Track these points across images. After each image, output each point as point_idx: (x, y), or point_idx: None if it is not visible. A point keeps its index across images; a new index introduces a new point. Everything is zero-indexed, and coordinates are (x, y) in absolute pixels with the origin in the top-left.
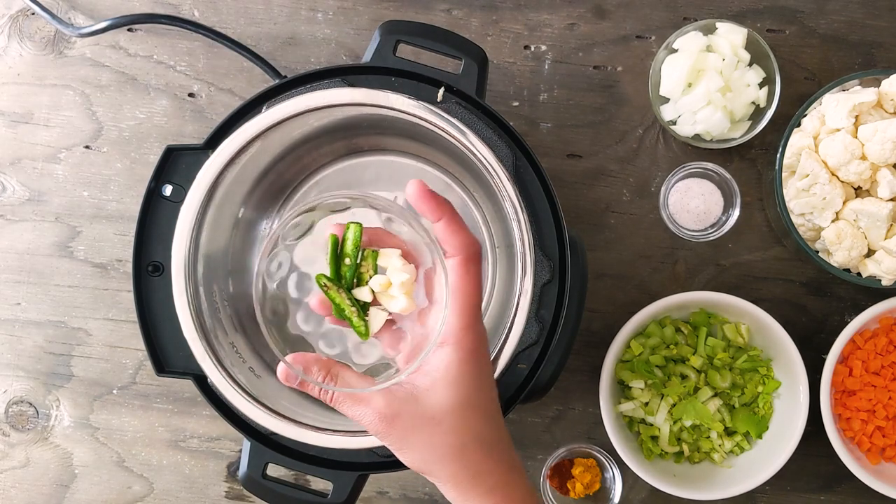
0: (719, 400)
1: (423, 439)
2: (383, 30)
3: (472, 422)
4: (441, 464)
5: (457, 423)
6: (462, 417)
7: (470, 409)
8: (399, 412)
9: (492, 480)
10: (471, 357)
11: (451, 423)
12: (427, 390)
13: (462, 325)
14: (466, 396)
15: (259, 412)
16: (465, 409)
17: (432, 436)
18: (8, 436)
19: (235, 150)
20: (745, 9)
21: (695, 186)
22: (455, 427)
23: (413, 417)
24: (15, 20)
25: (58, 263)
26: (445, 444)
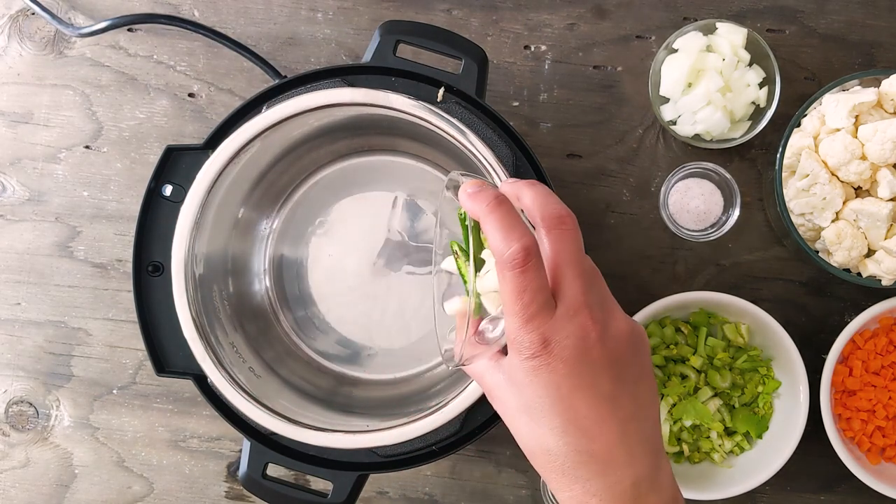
0: (719, 400)
1: (514, 425)
2: (383, 30)
3: (537, 429)
4: (527, 454)
5: (526, 425)
6: (529, 420)
7: (535, 415)
8: (499, 394)
9: (561, 498)
10: (522, 366)
11: (523, 422)
12: (508, 383)
13: (511, 328)
14: (525, 404)
15: (259, 412)
16: (529, 414)
17: (517, 425)
18: (8, 436)
19: (235, 150)
20: (745, 9)
21: (695, 186)
22: (526, 426)
23: (505, 403)
24: (15, 20)
25: (58, 263)
26: (525, 438)
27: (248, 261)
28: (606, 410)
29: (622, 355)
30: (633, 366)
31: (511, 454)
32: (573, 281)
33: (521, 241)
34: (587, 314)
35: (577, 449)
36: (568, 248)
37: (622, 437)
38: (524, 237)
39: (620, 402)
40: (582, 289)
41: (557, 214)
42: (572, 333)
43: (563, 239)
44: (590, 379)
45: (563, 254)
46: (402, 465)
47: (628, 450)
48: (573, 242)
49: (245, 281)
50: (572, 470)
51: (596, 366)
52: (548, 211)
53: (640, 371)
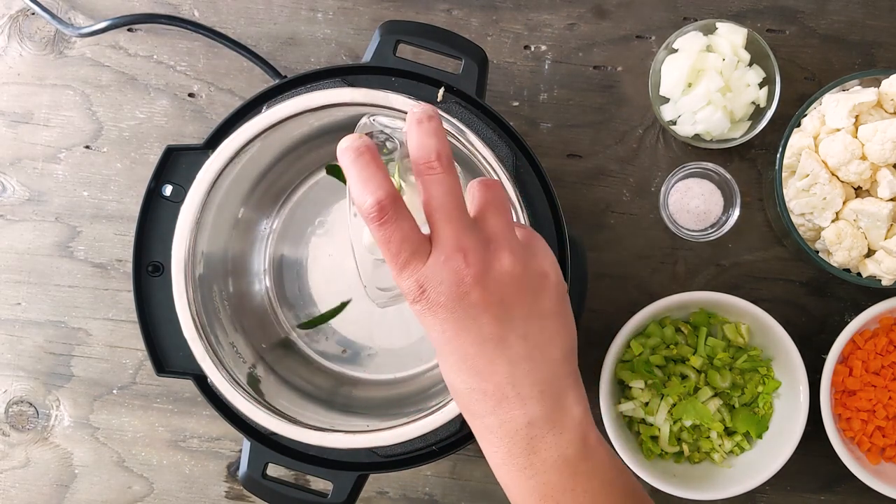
0: (719, 400)
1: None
2: (383, 30)
3: (442, 367)
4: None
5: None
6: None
7: (437, 352)
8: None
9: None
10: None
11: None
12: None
13: (392, 275)
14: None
15: (259, 412)
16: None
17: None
18: (8, 436)
19: (235, 150)
20: (745, 9)
21: (695, 186)
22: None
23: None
24: (15, 20)
25: (58, 263)
26: (446, 364)
27: (248, 261)
28: (493, 351)
29: (507, 296)
30: (523, 305)
31: None
32: (444, 226)
33: (374, 195)
34: (460, 258)
35: (470, 387)
36: (437, 191)
37: (511, 377)
38: (378, 189)
39: (508, 342)
40: (454, 232)
41: (426, 159)
42: (446, 279)
43: (432, 183)
44: (470, 321)
45: (433, 199)
46: (402, 465)
47: (518, 390)
48: (440, 185)
49: (245, 281)
50: (470, 406)
51: (477, 308)
52: (419, 154)
53: (533, 311)
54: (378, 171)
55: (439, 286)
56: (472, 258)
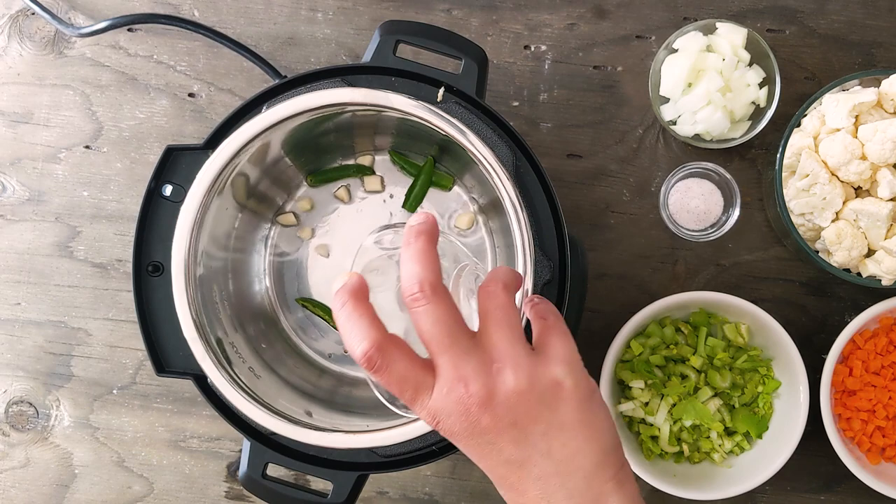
0: (719, 400)
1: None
2: (383, 30)
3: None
4: None
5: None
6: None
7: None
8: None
9: None
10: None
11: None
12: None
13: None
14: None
15: (259, 412)
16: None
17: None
18: (8, 436)
19: (235, 150)
20: (745, 9)
21: (695, 186)
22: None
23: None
24: (15, 20)
25: (58, 263)
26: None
27: (248, 261)
28: (518, 472)
29: (519, 417)
30: (539, 422)
31: None
32: (440, 357)
33: (360, 347)
34: (462, 387)
35: (511, 501)
36: (425, 323)
37: (543, 493)
38: (364, 340)
39: (532, 462)
40: (450, 362)
41: (410, 291)
42: (453, 411)
43: (419, 316)
44: (489, 447)
45: (424, 332)
46: (402, 465)
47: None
48: (427, 316)
49: (245, 281)
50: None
51: (490, 433)
52: (404, 286)
53: (553, 424)
54: (362, 319)
55: (449, 418)
56: (473, 386)
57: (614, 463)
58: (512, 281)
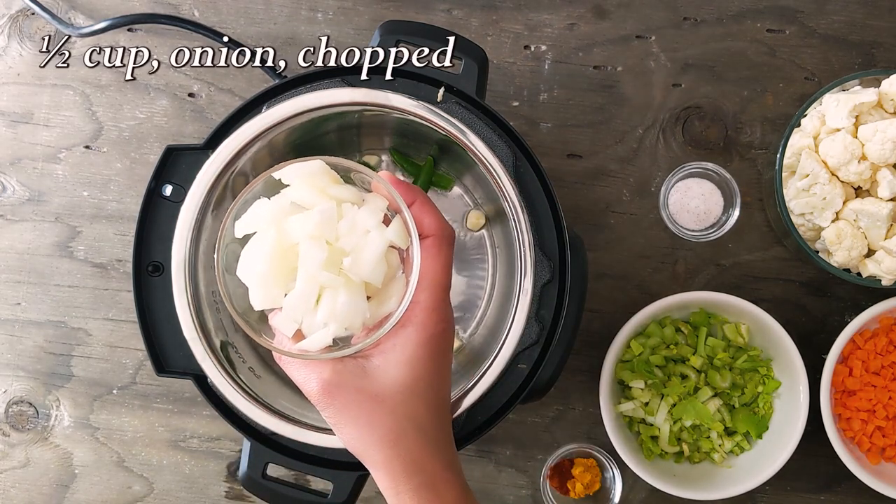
0: (719, 400)
1: (363, 417)
2: (383, 30)
3: (416, 408)
4: (377, 447)
5: (399, 406)
6: (406, 401)
7: (417, 394)
8: (343, 383)
9: (425, 475)
10: (431, 341)
11: (394, 404)
12: (377, 367)
13: (428, 307)
14: (415, 380)
15: (259, 412)
16: (412, 393)
17: (372, 414)
18: (8, 436)
19: (235, 150)
20: (745, 9)
21: (695, 186)
22: (397, 409)
23: (356, 392)
24: (15, 20)
25: (58, 263)
26: (384, 426)
27: None
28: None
29: None
30: None
31: (511, 454)
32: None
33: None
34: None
35: (443, 423)
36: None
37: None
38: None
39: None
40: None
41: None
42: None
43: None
44: (450, 360)
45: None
46: None
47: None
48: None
49: None
50: (439, 444)
51: (451, 349)
52: (443, 229)
53: None
54: None
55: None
56: None
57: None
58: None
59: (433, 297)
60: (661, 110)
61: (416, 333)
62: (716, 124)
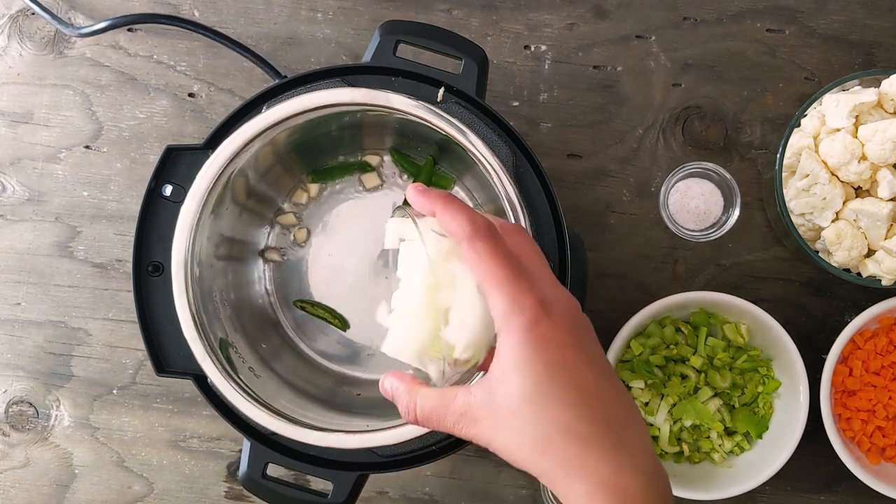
0: (719, 400)
1: (508, 433)
2: (383, 30)
3: (550, 412)
4: (531, 459)
5: (534, 413)
6: (538, 406)
7: (546, 396)
8: (480, 413)
9: (591, 482)
10: (527, 337)
11: (529, 413)
12: (499, 381)
13: (500, 306)
14: (535, 383)
15: (259, 412)
16: (539, 396)
17: (513, 429)
18: (8, 436)
19: (235, 150)
20: (745, 9)
21: (695, 186)
22: (533, 418)
23: (493, 412)
24: (15, 20)
25: (58, 263)
26: (528, 437)
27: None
28: (606, 376)
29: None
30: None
31: None
32: (536, 269)
33: (483, 217)
34: (559, 284)
35: (593, 418)
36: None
37: (627, 401)
38: (483, 215)
39: (608, 367)
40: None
41: (470, 230)
42: (562, 296)
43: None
44: (585, 345)
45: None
46: (402, 465)
47: (635, 415)
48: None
49: (245, 281)
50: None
51: (585, 332)
52: (465, 227)
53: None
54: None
55: (559, 301)
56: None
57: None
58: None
59: (500, 297)
60: (661, 110)
61: (508, 337)
62: (716, 124)
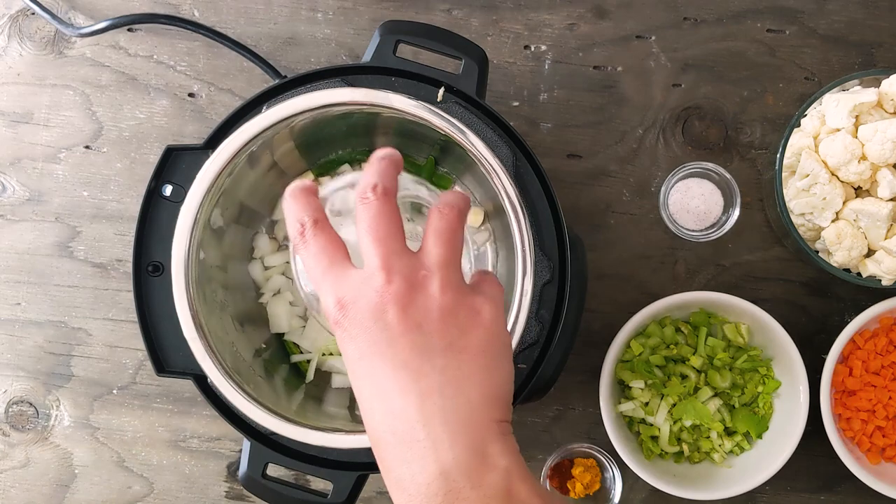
0: (719, 400)
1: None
2: (383, 30)
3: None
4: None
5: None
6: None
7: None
8: None
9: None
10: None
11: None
12: None
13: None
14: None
15: (259, 412)
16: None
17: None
18: (8, 436)
19: (235, 150)
20: (745, 9)
21: (695, 186)
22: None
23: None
24: (15, 20)
25: (58, 263)
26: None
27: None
28: (405, 379)
29: (426, 322)
30: (444, 336)
31: None
32: (371, 247)
33: (299, 217)
34: (383, 276)
35: (383, 428)
36: (366, 216)
37: (420, 412)
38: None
39: (423, 372)
40: (381, 253)
41: (362, 189)
42: (365, 295)
43: (363, 210)
44: (385, 345)
45: (361, 223)
46: None
47: (429, 430)
48: (370, 210)
49: (245, 281)
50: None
51: (393, 330)
52: (359, 189)
53: (455, 344)
54: (308, 200)
55: (356, 304)
56: (395, 278)
57: (502, 410)
58: (465, 209)
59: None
60: (661, 110)
61: None
62: (716, 124)
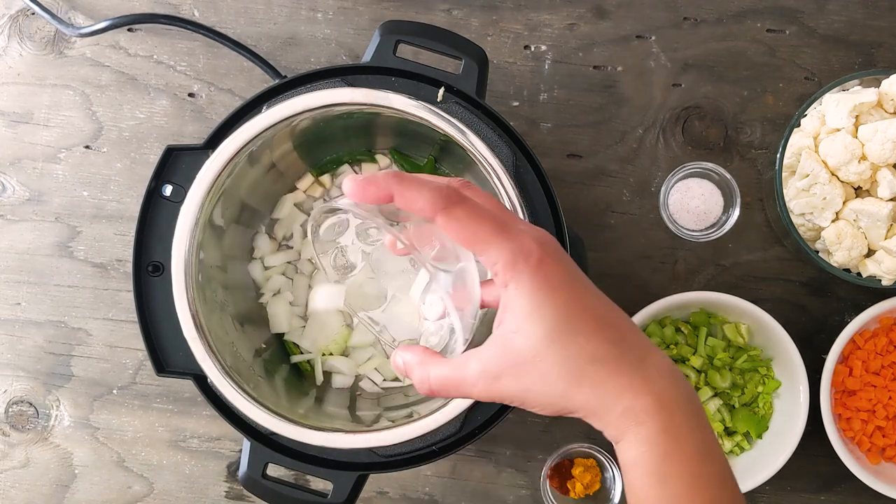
0: (719, 400)
1: (537, 379)
2: (383, 30)
3: (575, 346)
4: (566, 396)
5: (560, 352)
6: (562, 344)
7: (567, 333)
8: (499, 369)
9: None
10: (537, 280)
11: (555, 353)
12: (514, 332)
13: (503, 259)
14: (554, 322)
15: (259, 412)
16: (561, 335)
17: (541, 374)
18: (8, 436)
19: (235, 150)
20: (745, 9)
21: (695, 186)
22: (560, 356)
23: (514, 364)
24: (15, 20)
25: (58, 263)
26: (559, 375)
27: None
28: (606, 299)
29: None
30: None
31: (511, 454)
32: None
33: (442, 183)
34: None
35: (614, 341)
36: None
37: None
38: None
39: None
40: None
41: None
42: (540, 231)
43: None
44: (578, 273)
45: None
46: (402, 465)
47: (639, 331)
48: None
49: (245, 281)
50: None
51: (569, 259)
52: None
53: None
54: (414, 179)
55: (543, 239)
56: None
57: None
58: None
59: (500, 250)
60: (661, 110)
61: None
62: (716, 124)
